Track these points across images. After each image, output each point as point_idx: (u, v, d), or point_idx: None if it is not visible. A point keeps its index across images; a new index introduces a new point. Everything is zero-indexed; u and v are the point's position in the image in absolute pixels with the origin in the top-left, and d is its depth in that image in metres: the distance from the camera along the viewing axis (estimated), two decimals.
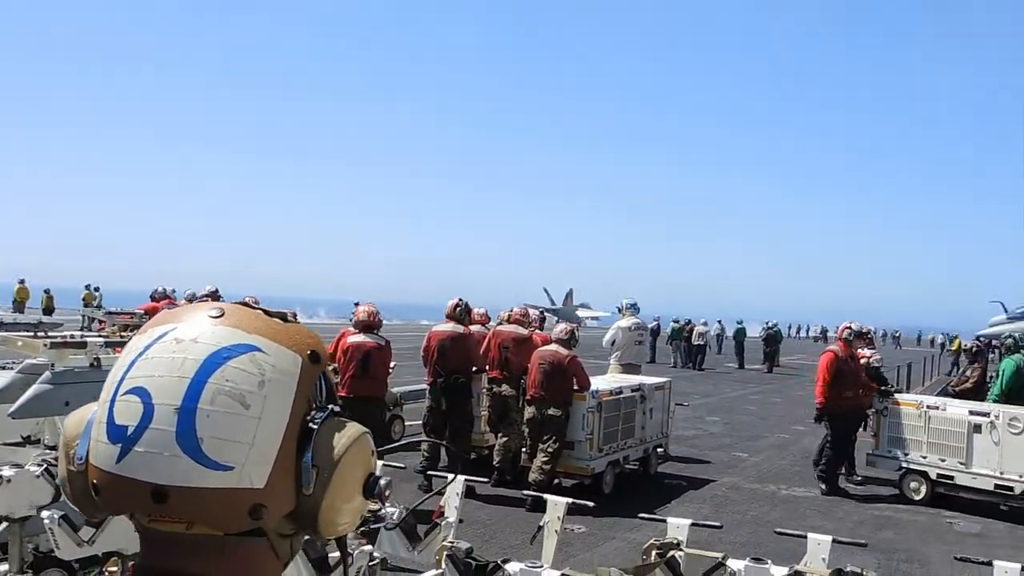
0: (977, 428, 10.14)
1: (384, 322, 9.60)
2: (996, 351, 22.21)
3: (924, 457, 10.49)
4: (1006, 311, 45.79)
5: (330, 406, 0.99)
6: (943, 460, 10.34)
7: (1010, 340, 13.26)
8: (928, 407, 10.65)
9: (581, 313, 59.57)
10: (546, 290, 62.15)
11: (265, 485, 0.91)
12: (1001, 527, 9.52)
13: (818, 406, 11.05)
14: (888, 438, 10.89)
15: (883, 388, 11.39)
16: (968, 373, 13.22)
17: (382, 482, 1.01)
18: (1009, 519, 9.78)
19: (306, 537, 1.00)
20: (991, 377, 14.31)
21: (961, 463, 10.19)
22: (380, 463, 5.70)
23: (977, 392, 12.37)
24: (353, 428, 0.99)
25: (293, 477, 0.94)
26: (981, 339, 27.71)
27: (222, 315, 0.97)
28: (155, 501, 0.89)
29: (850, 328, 11.36)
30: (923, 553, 8.36)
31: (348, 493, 0.98)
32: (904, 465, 10.66)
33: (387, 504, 4.54)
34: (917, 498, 10.46)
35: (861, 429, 11.52)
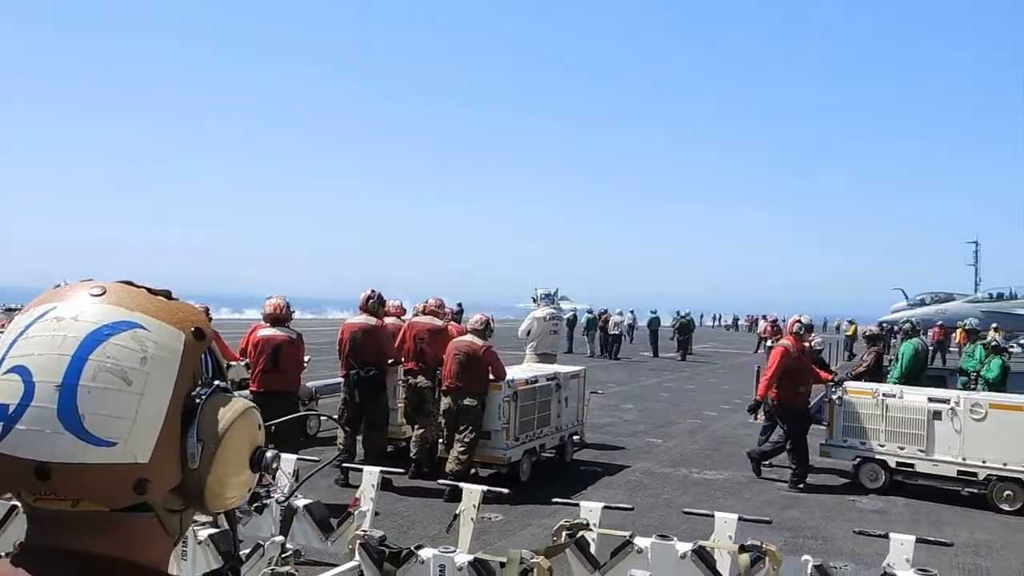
0: (937, 415, 10.12)
1: (295, 315, 9.50)
2: (897, 336, 23.14)
3: (882, 445, 10.42)
4: (907, 298, 47.83)
5: (216, 382, 1.00)
6: (902, 448, 10.30)
7: (908, 325, 13.84)
8: (884, 395, 10.59)
9: (563, 305, 63.71)
10: (536, 289, 68.70)
11: (149, 460, 0.92)
12: (901, 504, 9.89)
13: (757, 399, 11.11)
14: (843, 427, 10.74)
15: (835, 379, 11.19)
16: (864, 357, 13.70)
17: (269, 455, 1.03)
18: (958, 502, 9.95)
19: (218, 530, 1.01)
20: (890, 361, 14.91)
21: (921, 451, 10.18)
22: (294, 457, 5.62)
23: (873, 375, 12.76)
24: (239, 403, 1.00)
25: (178, 451, 0.95)
26: (883, 325, 28.87)
27: (104, 293, 0.97)
28: (38, 478, 0.89)
29: (800, 322, 11.02)
30: (827, 530, 8.65)
31: (234, 467, 0.99)
32: (860, 454, 10.59)
33: (277, 478, 4.52)
34: (874, 486, 10.40)
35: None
